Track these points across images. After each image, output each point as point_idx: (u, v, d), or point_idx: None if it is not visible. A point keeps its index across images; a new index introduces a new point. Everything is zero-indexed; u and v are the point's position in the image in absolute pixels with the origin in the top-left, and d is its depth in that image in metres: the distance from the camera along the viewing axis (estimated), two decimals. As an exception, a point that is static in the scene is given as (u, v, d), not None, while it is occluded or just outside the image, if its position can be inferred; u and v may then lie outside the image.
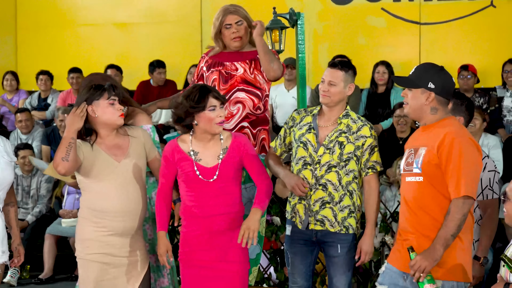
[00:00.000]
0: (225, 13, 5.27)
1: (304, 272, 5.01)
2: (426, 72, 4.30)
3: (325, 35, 10.09)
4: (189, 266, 4.60)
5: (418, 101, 4.27)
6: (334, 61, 5.02)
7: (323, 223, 4.88)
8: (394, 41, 9.91)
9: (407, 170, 4.29)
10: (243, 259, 4.64)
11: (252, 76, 5.26)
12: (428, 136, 4.24)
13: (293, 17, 6.15)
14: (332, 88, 4.87)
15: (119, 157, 4.65)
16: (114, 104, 4.59)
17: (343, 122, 4.89)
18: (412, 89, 4.29)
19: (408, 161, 4.30)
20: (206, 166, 4.57)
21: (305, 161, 4.90)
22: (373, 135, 4.90)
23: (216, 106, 4.53)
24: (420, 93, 4.26)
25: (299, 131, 4.97)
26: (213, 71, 5.30)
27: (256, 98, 5.23)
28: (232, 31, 5.25)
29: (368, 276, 6.51)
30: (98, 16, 10.95)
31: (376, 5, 9.89)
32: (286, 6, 6.71)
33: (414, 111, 4.31)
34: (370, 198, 4.91)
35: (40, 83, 10.35)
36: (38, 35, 11.10)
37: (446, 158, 4.11)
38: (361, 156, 4.87)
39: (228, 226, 4.60)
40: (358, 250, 4.91)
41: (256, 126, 5.27)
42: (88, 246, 4.61)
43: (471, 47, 9.65)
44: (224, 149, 4.60)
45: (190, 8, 10.56)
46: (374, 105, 8.92)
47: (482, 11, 9.60)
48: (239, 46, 5.29)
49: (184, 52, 10.36)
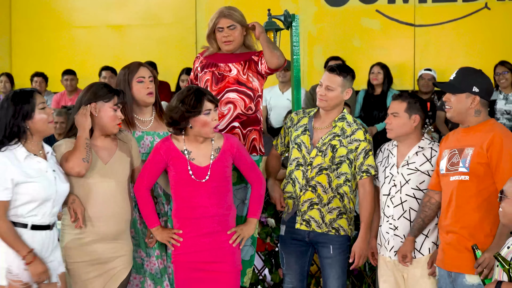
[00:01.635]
0: (219, 16, 5.26)
1: (299, 273, 5.03)
2: (469, 76, 4.47)
3: (319, 37, 10.09)
4: (181, 268, 4.60)
5: (463, 105, 4.42)
6: (333, 66, 5.02)
7: (309, 224, 4.91)
8: (388, 43, 9.91)
9: (451, 170, 4.43)
10: (235, 260, 4.63)
11: (245, 77, 5.26)
12: (474, 137, 4.40)
13: (288, 19, 6.15)
14: (329, 93, 4.89)
15: (105, 158, 4.63)
16: (117, 111, 4.58)
17: (338, 125, 4.91)
18: (456, 94, 4.42)
19: (452, 161, 4.43)
20: (199, 165, 4.57)
21: (298, 162, 4.93)
22: (367, 139, 4.92)
23: (210, 110, 4.54)
24: (465, 98, 4.41)
25: (295, 132, 5.00)
26: (206, 71, 5.29)
27: (248, 99, 5.22)
28: (223, 34, 5.24)
29: (362, 278, 6.51)
30: (93, 18, 10.93)
31: (371, 7, 9.89)
32: (281, 8, 6.71)
33: (459, 114, 4.46)
34: (364, 202, 4.93)
35: (34, 85, 10.32)
36: (32, 37, 11.07)
37: (496, 157, 4.28)
38: (354, 159, 4.89)
39: (220, 227, 4.59)
40: (352, 253, 4.93)
41: (246, 126, 5.25)
42: (69, 255, 4.56)
43: (465, 49, 9.66)
44: (216, 149, 4.61)
45: (184, 11, 10.55)
46: (370, 107, 8.92)
47: (476, 13, 9.61)
48: (230, 50, 5.29)
49: (179, 54, 10.34)
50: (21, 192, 4.21)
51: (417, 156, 4.76)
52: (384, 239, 4.82)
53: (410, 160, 4.76)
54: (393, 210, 4.76)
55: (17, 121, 4.24)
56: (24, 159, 4.25)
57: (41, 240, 4.29)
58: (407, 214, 4.73)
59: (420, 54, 9.74)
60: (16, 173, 4.19)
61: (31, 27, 11.08)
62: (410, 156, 4.77)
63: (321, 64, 9.46)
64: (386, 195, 4.83)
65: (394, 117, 4.77)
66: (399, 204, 4.77)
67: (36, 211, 4.26)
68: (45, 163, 4.33)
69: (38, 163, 4.30)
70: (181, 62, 10.09)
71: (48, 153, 4.39)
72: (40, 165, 4.30)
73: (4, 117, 4.26)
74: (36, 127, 4.28)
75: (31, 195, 4.22)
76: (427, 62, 9.53)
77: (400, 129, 4.78)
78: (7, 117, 4.26)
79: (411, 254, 4.68)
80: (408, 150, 4.79)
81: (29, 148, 4.29)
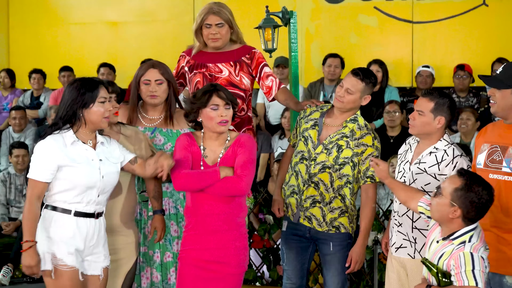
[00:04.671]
0: (208, 12, 5.24)
1: (299, 269, 5.02)
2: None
3: (317, 34, 10.08)
4: (185, 264, 4.56)
5: (508, 101, 4.30)
6: (357, 70, 4.91)
7: (311, 221, 4.90)
8: (386, 40, 9.90)
9: (491, 167, 4.33)
10: (239, 262, 4.56)
11: (238, 78, 5.25)
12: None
13: (286, 15, 6.15)
14: (348, 96, 4.85)
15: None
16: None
17: (348, 126, 4.88)
18: (501, 89, 4.31)
19: (493, 157, 4.33)
20: (209, 163, 4.54)
21: (303, 155, 4.91)
22: (375, 145, 4.88)
23: (219, 105, 4.49)
24: (510, 93, 4.29)
25: (305, 125, 4.98)
26: (196, 73, 5.28)
27: (240, 100, 5.21)
28: (211, 31, 5.23)
29: (360, 275, 6.52)
30: (89, 14, 10.91)
31: (369, 3, 9.88)
32: (279, 5, 6.71)
33: (503, 110, 4.34)
34: (366, 208, 4.90)
35: (33, 82, 10.31)
36: (30, 33, 11.06)
37: None
38: (359, 163, 4.85)
39: (226, 226, 4.51)
40: (349, 258, 4.91)
41: (241, 127, 5.25)
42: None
43: (463, 45, 9.65)
44: (226, 147, 4.56)
45: (182, 7, 10.54)
46: (367, 103, 8.89)
47: (474, 10, 9.60)
48: (216, 47, 5.28)
49: (176, 51, 10.24)
50: (63, 177, 4.27)
51: (429, 157, 4.58)
52: (391, 234, 4.75)
53: (423, 159, 4.60)
54: (399, 207, 4.66)
55: (75, 107, 4.30)
56: (71, 144, 4.30)
57: (86, 228, 4.33)
58: (410, 213, 4.62)
59: (418, 51, 9.73)
60: (60, 157, 4.25)
61: (28, 24, 11.07)
62: (423, 156, 4.60)
63: (318, 61, 9.45)
64: None
65: (419, 115, 4.56)
66: None
67: (80, 198, 4.31)
68: (92, 151, 4.37)
69: (85, 150, 4.35)
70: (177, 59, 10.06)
71: (99, 143, 4.43)
72: (87, 153, 4.35)
73: (66, 100, 4.33)
74: (90, 118, 4.33)
75: (73, 180, 4.27)
76: (425, 58, 9.52)
77: (422, 128, 4.57)
78: (68, 100, 4.32)
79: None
80: (425, 148, 4.62)
81: (79, 136, 4.35)
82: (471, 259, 3.85)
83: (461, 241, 3.95)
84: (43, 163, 4.25)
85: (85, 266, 4.38)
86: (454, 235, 3.98)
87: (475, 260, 3.85)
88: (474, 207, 3.93)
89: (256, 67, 5.29)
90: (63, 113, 4.32)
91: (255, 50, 5.35)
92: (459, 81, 8.86)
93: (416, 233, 4.60)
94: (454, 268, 3.89)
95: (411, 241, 4.61)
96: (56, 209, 4.30)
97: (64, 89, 4.43)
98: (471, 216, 3.96)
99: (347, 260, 4.90)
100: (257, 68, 5.28)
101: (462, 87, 8.85)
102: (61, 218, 4.29)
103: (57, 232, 4.28)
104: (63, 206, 4.30)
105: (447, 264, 3.94)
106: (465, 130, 8.04)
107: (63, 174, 4.27)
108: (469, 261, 3.85)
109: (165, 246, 5.00)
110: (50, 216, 4.31)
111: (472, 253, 3.87)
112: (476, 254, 3.87)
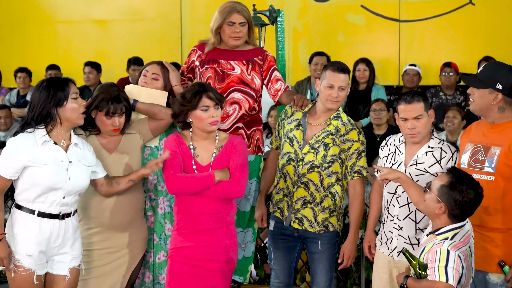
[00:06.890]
0: (232, 10, 5.22)
1: (286, 268, 5.02)
2: (495, 72, 4.31)
3: (304, 32, 10.09)
4: (176, 262, 4.58)
5: (484, 101, 4.31)
6: (341, 66, 4.85)
7: (302, 222, 4.89)
8: (373, 39, 9.92)
9: (475, 167, 4.32)
10: (228, 260, 4.61)
11: (250, 77, 5.25)
12: (501, 135, 4.28)
13: (273, 14, 6.15)
14: (342, 93, 4.81)
15: (110, 150, 4.72)
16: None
17: (332, 123, 4.87)
18: (479, 89, 4.31)
19: (476, 157, 4.33)
20: (201, 163, 4.56)
21: (289, 156, 4.90)
22: (360, 140, 4.87)
23: (209, 107, 4.51)
24: (488, 93, 4.29)
25: (288, 126, 4.98)
26: (207, 68, 5.27)
27: (251, 99, 5.23)
28: (234, 30, 5.21)
29: (347, 273, 6.52)
30: (76, 13, 10.88)
31: (356, 2, 9.90)
32: (266, 3, 6.72)
33: (481, 109, 4.35)
34: (355, 202, 4.89)
35: (18, 81, 10.27)
36: (16, 31, 11.01)
37: None
38: (346, 159, 4.85)
39: (217, 225, 4.57)
40: (341, 254, 4.91)
41: (250, 126, 5.27)
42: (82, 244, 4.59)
43: (450, 44, 9.68)
44: (218, 147, 4.59)
45: (169, 5, 10.52)
46: (354, 102, 8.92)
47: (461, 9, 9.63)
48: (237, 45, 5.28)
49: (163, 49, 10.31)
50: (27, 176, 4.25)
51: (426, 157, 4.55)
52: (387, 237, 4.71)
53: (419, 160, 4.56)
54: (399, 210, 4.62)
55: (48, 107, 4.26)
56: (41, 144, 4.27)
57: (49, 229, 4.30)
58: (413, 215, 4.58)
59: (405, 50, 9.75)
60: (26, 156, 4.23)
61: (15, 22, 11.02)
62: (419, 156, 4.56)
63: (306, 60, 9.45)
64: (392, 194, 4.67)
65: (418, 120, 4.49)
66: (406, 204, 4.60)
67: (44, 198, 4.28)
68: (62, 152, 4.33)
69: (55, 151, 4.31)
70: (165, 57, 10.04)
71: (72, 144, 4.39)
72: (57, 153, 4.31)
73: (36, 101, 4.28)
74: (65, 115, 4.30)
75: (36, 180, 4.24)
76: (411, 57, 9.54)
77: (425, 130, 4.53)
78: (39, 101, 4.28)
79: None
80: (417, 149, 4.58)
81: (52, 135, 4.32)
82: (446, 256, 3.89)
83: (444, 238, 3.98)
84: (8, 160, 4.24)
85: (52, 266, 4.37)
86: (439, 230, 4.02)
87: (450, 257, 3.89)
88: (458, 205, 3.97)
89: (267, 69, 5.31)
90: (36, 114, 4.27)
91: (267, 53, 5.39)
92: (445, 78, 8.89)
93: (420, 234, 4.56)
94: (430, 263, 3.94)
95: (413, 243, 4.58)
96: (21, 208, 4.30)
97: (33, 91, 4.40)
98: (456, 213, 3.99)
99: (339, 256, 4.91)
100: (268, 70, 5.31)
101: (448, 83, 8.88)
102: (25, 217, 4.28)
103: (20, 231, 4.28)
104: (27, 206, 4.28)
105: (426, 258, 3.99)
106: (451, 128, 8.05)
107: (27, 173, 4.25)
108: (444, 258, 3.89)
109: (159, 246, 5.00)
110: (15, 214, 4.31)
111: (449, 250, 3.90)
112: (452, 252, 3.90)
